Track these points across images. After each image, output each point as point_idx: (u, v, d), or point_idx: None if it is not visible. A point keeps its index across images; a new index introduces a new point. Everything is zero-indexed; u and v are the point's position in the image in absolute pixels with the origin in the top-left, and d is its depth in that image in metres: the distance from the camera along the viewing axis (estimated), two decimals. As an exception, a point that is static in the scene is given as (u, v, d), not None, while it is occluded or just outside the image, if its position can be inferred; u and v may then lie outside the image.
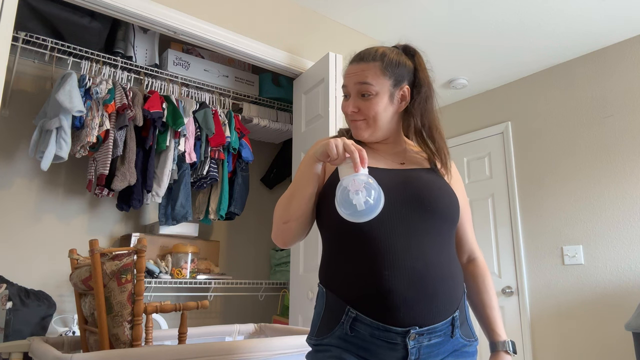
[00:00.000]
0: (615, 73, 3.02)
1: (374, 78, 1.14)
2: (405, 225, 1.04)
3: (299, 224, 1.11)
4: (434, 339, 1.01)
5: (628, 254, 2.82)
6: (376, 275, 0.99)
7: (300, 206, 1.09)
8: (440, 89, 3.70)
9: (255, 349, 1.49)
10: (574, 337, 2.98)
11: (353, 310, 1.01)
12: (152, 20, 2.16)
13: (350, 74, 1.17)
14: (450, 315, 1.03)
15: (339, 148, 0.99)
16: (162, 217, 2.60)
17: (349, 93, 1.17)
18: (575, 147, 3.15)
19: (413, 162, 1.19)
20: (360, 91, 1.15)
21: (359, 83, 1.14)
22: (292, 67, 2.61)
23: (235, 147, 2.73)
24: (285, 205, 1.12)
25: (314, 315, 1.12)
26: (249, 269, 3.14)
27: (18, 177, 2.45)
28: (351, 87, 1.16)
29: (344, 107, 1.18)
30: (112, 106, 2.29)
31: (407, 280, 0.99)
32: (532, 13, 2.71)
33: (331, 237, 1.12)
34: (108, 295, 1.52)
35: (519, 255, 3.33)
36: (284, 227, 1.12)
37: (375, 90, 1.13)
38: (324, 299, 1.09)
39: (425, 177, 1.13)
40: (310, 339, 1.10)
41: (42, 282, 2.38)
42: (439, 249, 1.05)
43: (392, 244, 1.02)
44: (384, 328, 0.99)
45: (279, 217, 1.12)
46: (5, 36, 1.75)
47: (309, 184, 1.09)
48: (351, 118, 1.17)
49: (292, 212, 1.10)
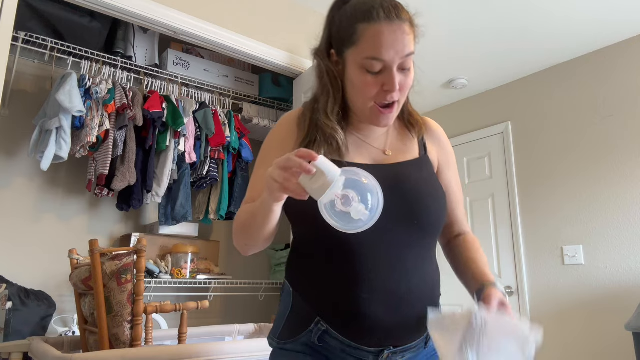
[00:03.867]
0: (615, 73, 3.02)
1: (413, 44, 0.89)
2: (388, 239, 0.90)
3: (259, 247, 0.95)
4: (408, 354, 0.94)
5: (628, 254, 2.82)
6: (353, 297, 0.88)
7: (260, 237, 0.91)
8: (440, 89, 3.70)
9: (255, 349, 1.49)
10: (574, 337, 2.98)
11: (324, 323, 0.90)
12: (152, 20, 2.15)
13: (394, 42, 0.85)
14: (425, 332, 0.94)
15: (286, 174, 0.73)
16: (162, 217, 2.60)
17: (385, 68, 0.87)
18: (575, 147, 3.15)
19: (398, 150, 1.01)
20: (404, 65, 0.87)
21: (407, 55, 0.87)
22: (292, 67, 2.60)
23: (235, 147, 2.73)
24: (242, 231, 0.93)
25: (278, 313, 1.00)
26: (249, 269, 3.14)
27: (18, 177, 2.45)
28: (393, 60, 0.86)
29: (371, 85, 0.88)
30: (112, 106, 2.29)
31: (386, 305, 0.88)
32: (532, 13, 2.71)
33: (303, 234, 0.98)
34: (108, 295, 1.52)
35: (519, 255, 3.32)
36: (244, 247, 0.96)
37: (412, 62, 0.89)
38: (290, 299, 0.96)
39: (415, 178, 0.96)
40: (272, 340, 0.99)
41: (42, 282, 2.38)
42: (421, 266, 0.94)
43: (373, 262, 0.89)
44: (357, 347, 0.90)
45: (238, 237, 0.96)
46: (5, 36, 1.74)
47: (268, 223, 0.86)
48: (387, 101, 0.89)
49: (250, 240, 0.93)
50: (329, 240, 0.88)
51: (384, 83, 0.88)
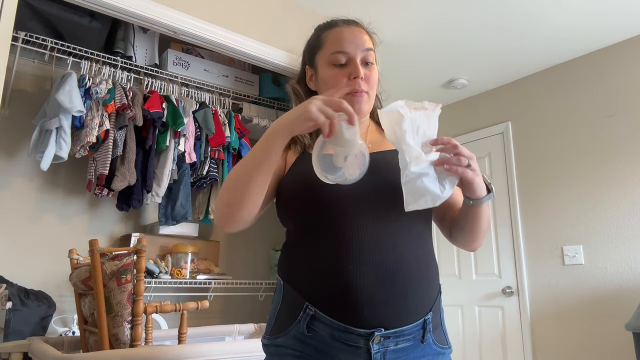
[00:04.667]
0: (616, 73, 3.02)
1: (372, 45, 1.05)
2: (375, 214, 0.91)
3: (242, 212, 0.92)
4: (402, 343, 0.90)
5: (628, 254, 2.82)
6: (338, 270, 0.88)
7: (249, 192, 0.89)
8: (440, 89, 3.70)
9: (255, 349, 1.49)
10: (574, 337, 2.98)
11: (312, 307, 0.90)
12: (152, 20, 2.15)
13: (353, 38, 1.02)
14: (421, 317, 0.91)
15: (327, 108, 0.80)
16: (162, 217, 2.60)
17: (350, 60, 1.01)
18: (575, 147, 3.15)
19: (378, 143, 1.06)
20: (366, 58, 1.02)
21: (366, 49, 1.02)
22: (292, 67, 2.60)
23: (235, 147, 2.73)
24: (231, 186, 0.91)
25: (270, 311, 1.00)
26: (249, 269, 3.14)
27: (18, 177, 2.45)
28: (355, 53, 1.01)
29: (339, 76, 1.01)
30: (112, 106, 2.29)
31: (373, 277, 0.87)
32: (531, 13, 2.71)
33: (293, 224, 1.00)
34: (108, 295, 1.52)
35: (519, 255, 3.32)
36: (225, 210, 0.93)
37: (374, 59, 1.04)
38: (281, 293, 0.97)
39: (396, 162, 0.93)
40: (264, 338, 0.99)
41: (42, 282, 2.38)
42: (413, 243, 0.93)
43: (359, 234, 0.89)
44: (345, 329, 0.87)
45: (222, 197, 0.93)
46: (5, 36, 1.74)
47: (265, 168, 0.88)
48: (356, 88, 1.00)
49: (237, 196, 0.90)
50: (315, 221, 0.94)
51: (350, 73, 1.01)
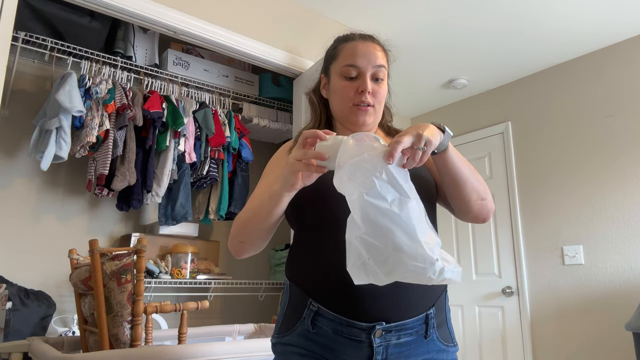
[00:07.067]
0: (615, 73, 3.02)
1: (385, 62, 1.08)
2: None
3: (255, 246, 1.03)
4: (404, 337, 0.91)
5: (628, 254, 2.82)
6: (339, 264, 0.86)
7: (260, 232, 0.99)
8: (440, 89, 3.70)
9: (255, 349, 1.49)
10: (574, 337, 2.98)
11: (315, 303, 0.93)
12: (152, 20, 2.15)
13: (366, 53, 1.05)
14: (423, 311, 0.93)
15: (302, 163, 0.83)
16: (162, 217, 2.60)
17: (360, 74, 1.05)
18: (575, 147, 3.15)
19: None
20: (376, 74, 1.06)
21: (377, 66, 1.05)
22: (292, 67, 2.60)
23: (235, 147, 2.73)
24: (242, 227, 1.01)
25: (279, 311, 1.04)
26: (249, 269, 3.14)
27: (18, 177, 2.45)
28: (366, 68, 1.04)
29: (348, 88, 1.05)
30: (112, 106, 2.29)
31: None
32: (531, 13, 2.71)
33: (299, 227, 1.05)
34: (108, 295, 1.52)
35: (519, 255, 3.32)
36: (239, 245, 1.03)
37: (385, 76, 1.08)
38: (288, 293, 1.02)
39: None
40: (272, 338, 1.03)
41: (42, 282, 2.38)
42: None
43: None
44: (347, 323, 0.90)
45: (235, 234, 1.03)
46: (5, 36, 1.74)
47: (275, 216, 0.95)
48: (362, 102, 1.04)
49: (250, 235, 1.01)
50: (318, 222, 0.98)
51: (358, 86, 1.05)
